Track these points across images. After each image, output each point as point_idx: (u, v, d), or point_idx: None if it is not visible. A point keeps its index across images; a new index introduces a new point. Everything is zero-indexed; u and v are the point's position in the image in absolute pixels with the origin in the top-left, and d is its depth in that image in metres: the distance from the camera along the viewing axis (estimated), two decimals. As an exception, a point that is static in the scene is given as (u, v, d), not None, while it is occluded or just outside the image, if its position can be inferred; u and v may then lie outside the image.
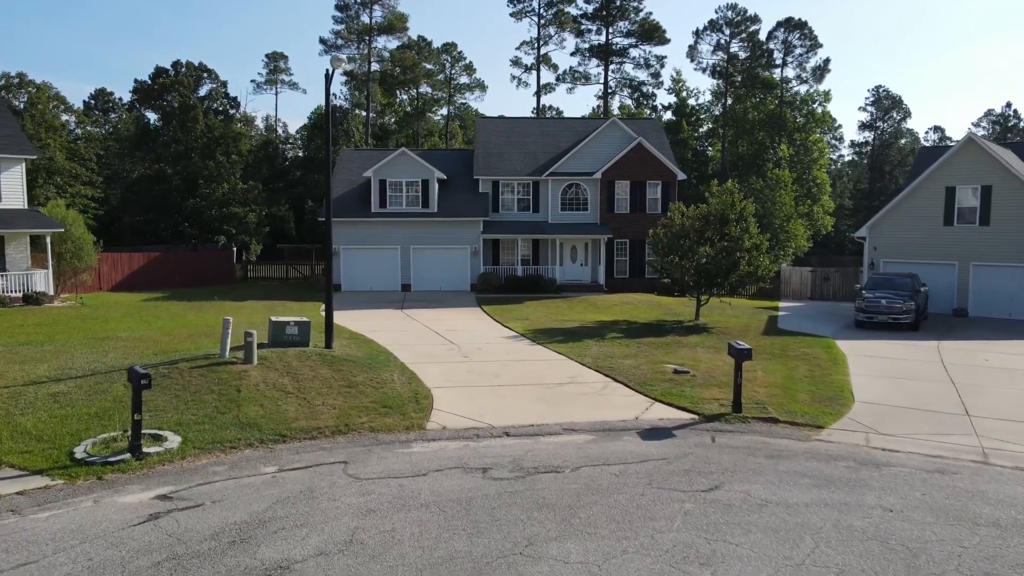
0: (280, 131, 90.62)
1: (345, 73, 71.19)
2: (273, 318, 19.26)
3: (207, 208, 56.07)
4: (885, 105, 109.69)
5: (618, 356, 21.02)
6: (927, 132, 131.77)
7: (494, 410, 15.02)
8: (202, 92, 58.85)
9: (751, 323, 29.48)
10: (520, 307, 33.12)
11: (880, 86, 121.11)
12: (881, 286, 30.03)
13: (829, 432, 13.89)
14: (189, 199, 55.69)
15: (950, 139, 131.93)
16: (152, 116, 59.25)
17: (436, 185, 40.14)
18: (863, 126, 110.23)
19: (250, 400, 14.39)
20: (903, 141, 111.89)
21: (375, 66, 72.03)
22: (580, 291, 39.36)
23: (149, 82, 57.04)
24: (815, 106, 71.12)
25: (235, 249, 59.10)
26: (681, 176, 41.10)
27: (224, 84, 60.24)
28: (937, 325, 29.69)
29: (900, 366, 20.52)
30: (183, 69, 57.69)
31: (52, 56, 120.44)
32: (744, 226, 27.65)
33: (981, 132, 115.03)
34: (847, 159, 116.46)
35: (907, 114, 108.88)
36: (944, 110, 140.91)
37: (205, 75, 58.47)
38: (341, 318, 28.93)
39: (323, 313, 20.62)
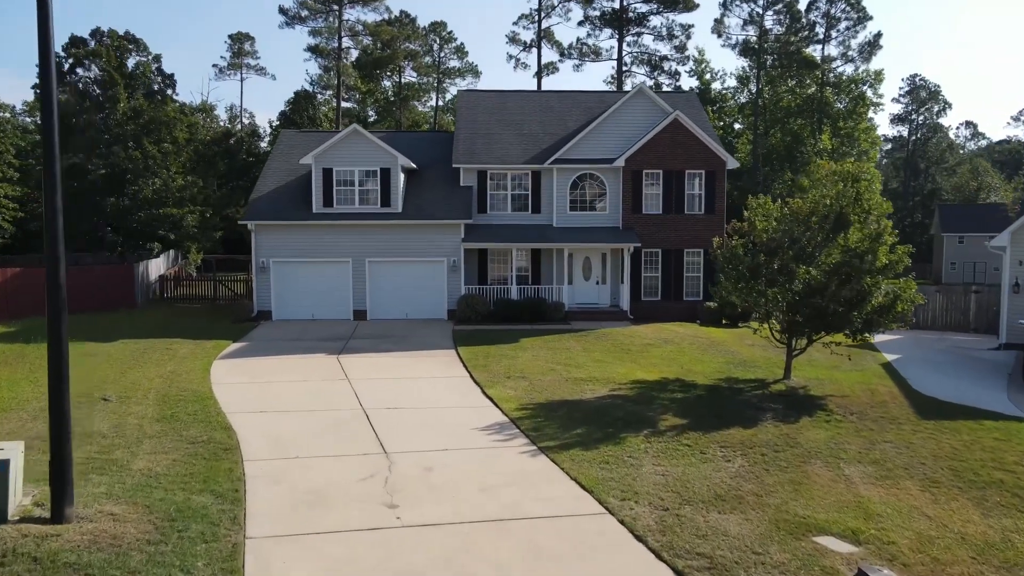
0: (246, 121, 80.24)
1: (310, 49, 60.76)
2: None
3: (133, 209, 45.48)
4: (921, 96, 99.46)
5: (703, 497, 10.45)
6: (958, 127, 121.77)
7: None
8: (130, 68, 48.15)
9: (871, 382, 18.91)
10: (514, 350, 22.54)
11: (916, 74, 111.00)
12: (1069, 324, 19.52)
13: None
14: (109, 198, 45.11)
15: (983, 135, 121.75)
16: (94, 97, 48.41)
17: (401, 176, 29.56)
18: (896, 119, 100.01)
19: None
20: (935, 137, 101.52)
21: (347, 42, 61.51)
22: (596, 320, 28.77)
23: (63, 54, 46.51)
24: (864, 88, 60.42)
25: (172, 258, 48.63)
26: (732, 163, 30.52)
27: (157, 58, 49.59)
28: None
29: None
30: (105, 38, 47.11)
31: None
32: (875, 232, 17.03)
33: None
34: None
35: (946, 106, 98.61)
36: (968, 105, 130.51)
37: (132, 46, 47.92)
38: (233, 375, 18.53)
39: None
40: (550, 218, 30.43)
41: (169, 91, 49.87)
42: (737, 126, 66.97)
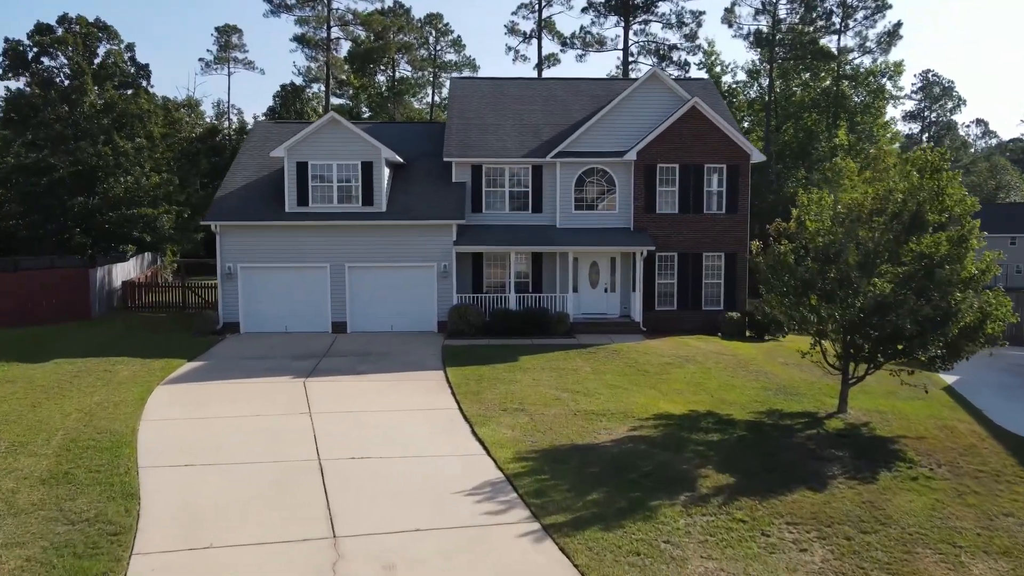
0: (234, 117, 77.01)
1: (297, 39, 57.52)
2: None
3: (103, 208, 42.13)
4: (934, 93, 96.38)
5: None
6: (968, 125, 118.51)
7: None
8: (100, 58, 44.75)
9: (943, 416, 15.64)
10: (511, 372, 19.25)
11: (929, 70, 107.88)
12: None
13: None
14: (77, 197, 41.79)
15: (994, 133, 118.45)
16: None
17: (386, 171, 26.24)
18: (908, 116, 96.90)
19: None
20: (949, 134, 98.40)
21: (336, 32, 58.25)
22: (605, 332, 25.48)
23: (27, 42, 43.20)
24: (884, 80, 57.08)
25: (149, 261, 45.44)
26: (757, 156, 27.22)
27: (130, 47, 46.13)
28: None
29: None
30: (74, 25, 43.79)
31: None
32: (958, 235, 13.72)
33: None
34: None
35: (960, 102, 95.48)
36: (977, 102, 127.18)
37: (102, 34, 44.56)
38: (173, 407, 15.38)
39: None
40: (553, 218, 27.11)
41: (143, 82, 46.38)
42: (746, 123, 63.75)
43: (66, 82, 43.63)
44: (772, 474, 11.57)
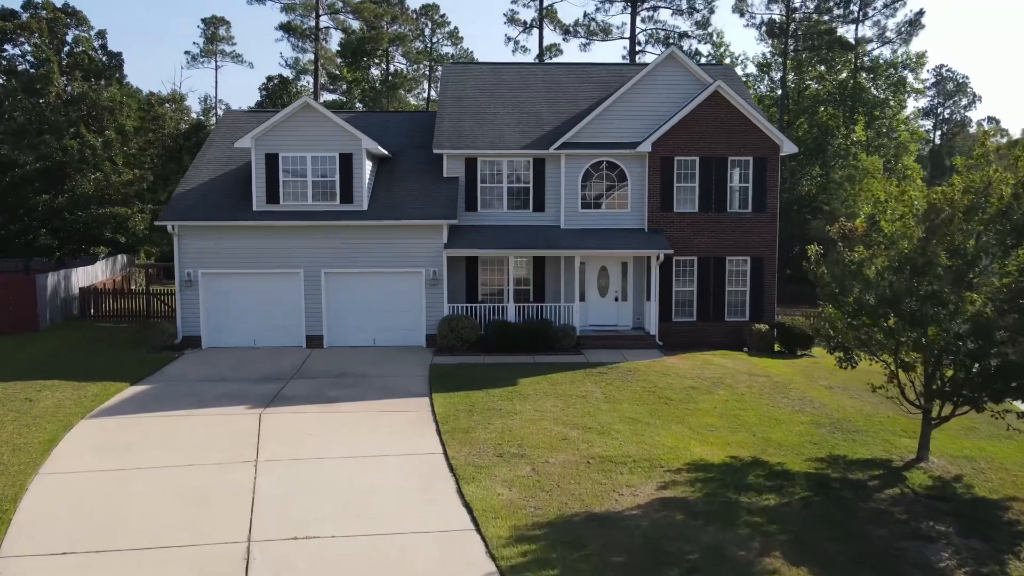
0: (222, 113, 73.78)
1: (282, 27, 54.44)
2: None
3: (70, 207, 39.00)
4: (948, 89, 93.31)
5: None
6: (978, 122, 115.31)
7: None
8: (69, 46, 41.63)
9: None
10: (510, 399, 16.16)
11: (943, 65, 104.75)
12: None
13: None
14: (43, 195, 38.69)
15: (1006, 131, 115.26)
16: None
17: (368, 164, 23.11)
18: (921, 113, 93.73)
19: None
20: (963, 132, 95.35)
21: (326, 21, 55.13)
22: (616, 347, 22.35)
23: (-12, 28, 40.13)
24: (905, 72, 53.94)
25: (122, 264, 42.32)
26: (788, 147, 24.09)
27: (101, 34, 43.04)
28: None
29: None
30: (40, 10, 40.69)
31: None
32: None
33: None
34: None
35: (975, 99, 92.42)
36: (987, 98, 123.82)
37: (70, 20, 41.47)
38: (88, 453, 12.42)
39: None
40: (556, 218, 23.97)
41: (116, 72, 43.22)
42: (777, 110, 60.64)
43: (31, 71, 40.60)
44: (864, 568, 8.45)
